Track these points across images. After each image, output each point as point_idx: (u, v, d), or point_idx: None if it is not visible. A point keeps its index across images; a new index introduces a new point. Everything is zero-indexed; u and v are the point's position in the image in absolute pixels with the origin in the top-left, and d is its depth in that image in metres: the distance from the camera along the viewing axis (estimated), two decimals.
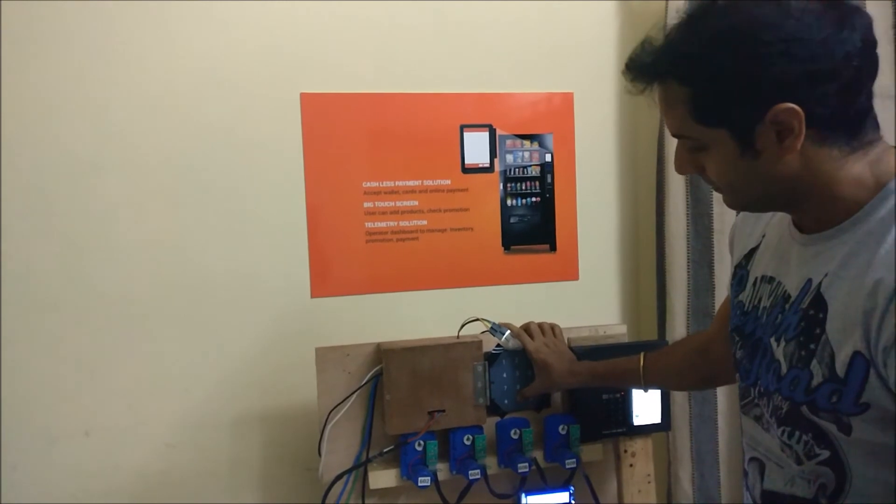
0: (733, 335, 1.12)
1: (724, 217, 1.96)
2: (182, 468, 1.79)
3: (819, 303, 0.92)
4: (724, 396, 1.99)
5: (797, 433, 0.95)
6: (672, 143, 1.92)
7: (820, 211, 0.96)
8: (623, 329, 1.72)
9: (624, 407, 1.65)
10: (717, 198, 1.95)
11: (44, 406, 1.71)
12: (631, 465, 1.68)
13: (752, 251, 1.13)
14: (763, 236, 1.11)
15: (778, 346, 0.98)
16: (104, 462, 1.74)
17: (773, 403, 0.99)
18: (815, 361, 0.91)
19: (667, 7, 1.93)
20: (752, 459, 1.07)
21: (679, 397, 1.96)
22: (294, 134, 1.82)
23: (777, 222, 1.08)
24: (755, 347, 1.05)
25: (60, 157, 1.70)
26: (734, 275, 1.16)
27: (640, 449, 1.68)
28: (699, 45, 0.92)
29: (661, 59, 0.97)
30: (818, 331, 0.91)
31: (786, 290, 1.00)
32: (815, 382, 0.91)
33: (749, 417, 1.07)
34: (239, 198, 1.80)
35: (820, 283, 0.93)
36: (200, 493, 1.79)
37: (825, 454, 0.92)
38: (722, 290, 1.97)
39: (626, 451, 1.67)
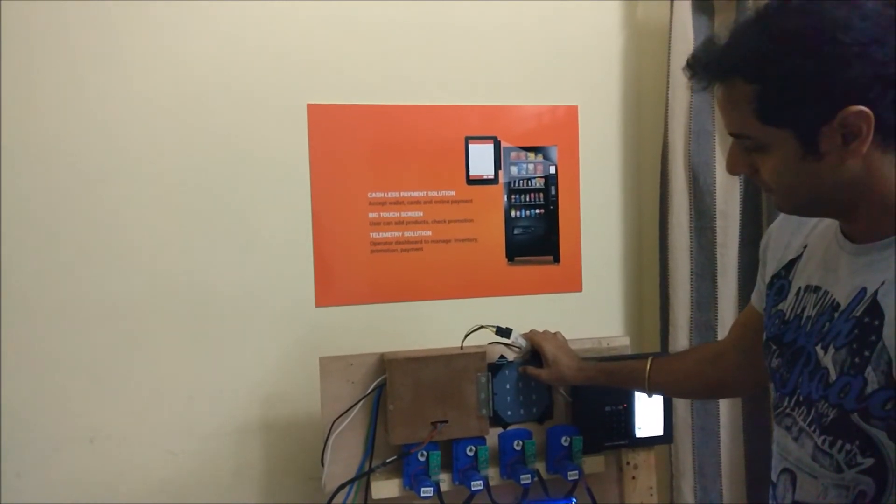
0: (770, 344, 1.11)
1: (727, 230, 1.96)
2: (185, 476, 1.79)
3: (875, 311, 0.92)
4: (726, 409, 1.99)
5: (840, 442, 0.95)
6: (676, 157, 1.96)
7: (874, 219, 0.96)
8: (626, 341, 1.73)
9: (626, 419, 1.65)
10: (720, 211, 1.96)
11: (48, 413, 1.71)
12: (633, 478, 1.68)
13: (793, 262, 1.12)
14: (805, 247, 1.11)
15: (825, 353, 0.98)
16: (108, 469, 1.75)
17: (817, 411, 0.98)
18: (869, 368, 0.91)
19: (671, 19, 1.94)
20: (783, 471, 1.06)
21: (681, 410, 1.96)
22: (300, 144, 1.83)
23: (820, 233, 1.08)
24: (796, 356, 1.04)
25: (66, 167, 1.70)
26: (771, 284, 1.15)
27: (642, 461, 1.68)
28: (772, 43, 0.91)
29: (729, 56, 0.95)
30: (874, 338, 0.91)
31: (834, 299, 1.00)
32: (869, 389, 0.91)
33: (781, 427, 1.07)
34: (244, 206, 1.81)
35: (876, 292, 0.93)
36: (203, 501, 1.79)
37: (868, 462, 0.92)
38: (725, 304, 1.97)
39: (628, 464, 1.68)
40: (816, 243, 1.08)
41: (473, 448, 1.54)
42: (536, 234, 2.01)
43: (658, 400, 1.67)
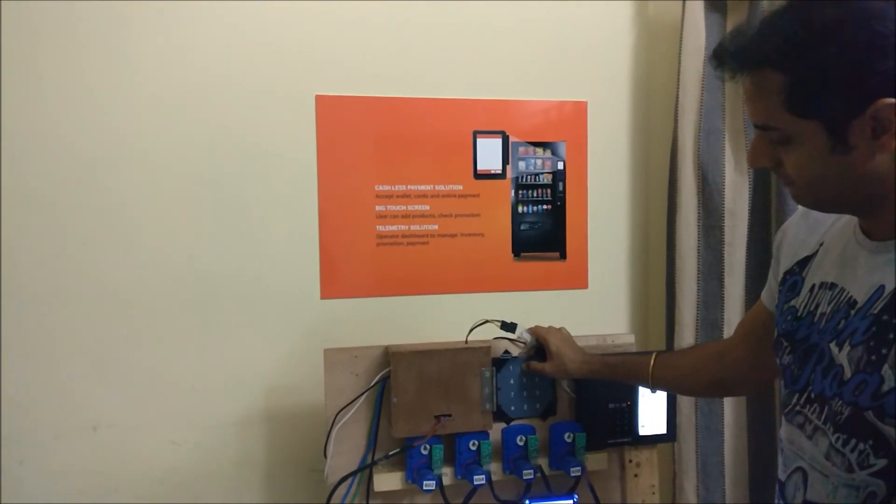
0: (781, 341, 1.10)
1: (734, 229, 1.95)
2: (187, 466, 1.79)
3: (894, 309, 0.91)
4: (730, 409, 1.98)
5: (853, 440, 0.94)
6: (685, 155, 1.95)
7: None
8: (631, 339, 1.72)
9: (630, 416, 1.65)
10: (728, 210, 1.95)
11: (50, 401, 1.72)
12: (636, 476, 1.67)
13: (808, 259, 1.11)
14: (821, 244, 1.10)
15: (840, 350, 0.97)
16: (110, 458, 1.75)
17: (831, 409, 0.97)
18: (886, 366, 0.90)
19: (683, 17, 1.93)
20: (796, 469, 1.05)
21: (685, 408, 1.95)
22: (308, 136, 1.83)
23: (838, 230, 1.07)
24: (808, 353, 1.03)
25: (71, 158, 1.70)
26: (783, 281, 1.14)
27: (645, 459, 1.68)
28: (806, 32, 0.90)
29: (760, 44, 0.94)
30: (892, 336, 0.90)
31: (851, 297, 0.99)
32: (885, 387, 0.90)
33: (792, 425, 1.06)
34: (251, 198, 1.81)
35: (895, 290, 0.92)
36: (205, 492, 1.80)
37: (881, 464, 0.91)
38: (731, 303, 1.96)
39: (631, 461, 1.67)
40: (833, 241, 1.07)
41: (476, 443, 1.54)
42: (543, 229, 2.01)
43: (662, 398, 1.66)
